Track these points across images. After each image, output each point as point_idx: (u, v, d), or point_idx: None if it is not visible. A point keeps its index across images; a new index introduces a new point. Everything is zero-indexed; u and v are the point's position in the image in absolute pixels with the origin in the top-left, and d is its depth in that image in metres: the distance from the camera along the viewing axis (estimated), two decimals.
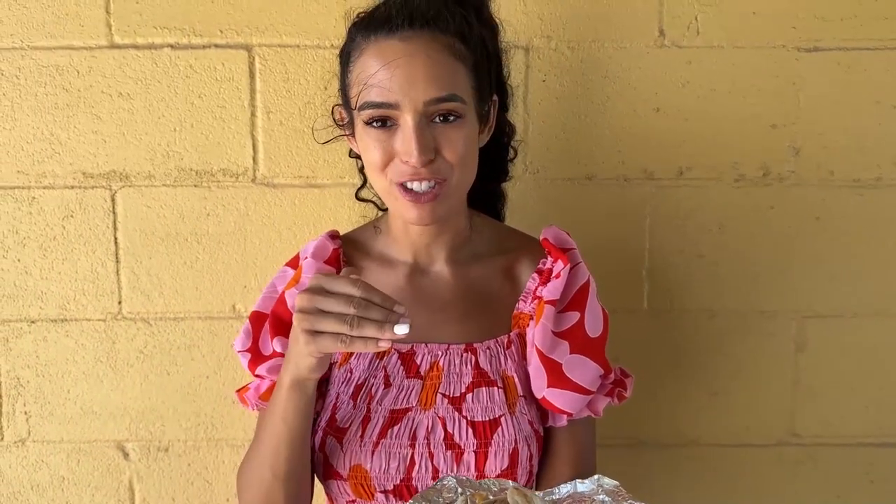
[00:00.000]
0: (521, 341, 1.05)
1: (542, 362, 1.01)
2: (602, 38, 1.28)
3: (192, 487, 1.37)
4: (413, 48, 0.92)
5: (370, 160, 0.97)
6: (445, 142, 0.94)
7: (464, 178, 0.98)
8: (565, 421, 1.04)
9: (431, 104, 0.92)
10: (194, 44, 1.27)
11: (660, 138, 1.30)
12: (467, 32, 0.96)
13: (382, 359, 1.03)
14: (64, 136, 1.28)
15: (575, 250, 1.07)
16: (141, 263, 1.31)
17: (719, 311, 1.35)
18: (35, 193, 1.30)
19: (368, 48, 0.95)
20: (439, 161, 0.95)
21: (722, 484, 1.40)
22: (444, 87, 0.93)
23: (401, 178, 0.95)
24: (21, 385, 1.34)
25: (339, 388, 1.03)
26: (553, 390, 1.01)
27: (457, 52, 0.94)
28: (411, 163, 0.93)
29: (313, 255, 1.06)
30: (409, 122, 0.92)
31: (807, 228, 1.33)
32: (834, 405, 1.37)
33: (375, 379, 1.02)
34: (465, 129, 0.95)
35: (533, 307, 1.05)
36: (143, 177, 1.29)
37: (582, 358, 1.02)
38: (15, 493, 1.36)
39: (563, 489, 0.82)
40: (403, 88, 0.92)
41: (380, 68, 0.92)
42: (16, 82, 1.27)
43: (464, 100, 0.94)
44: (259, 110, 1.28)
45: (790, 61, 1.28)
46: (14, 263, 1.31)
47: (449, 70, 0.94)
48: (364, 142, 0.97)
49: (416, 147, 0.92)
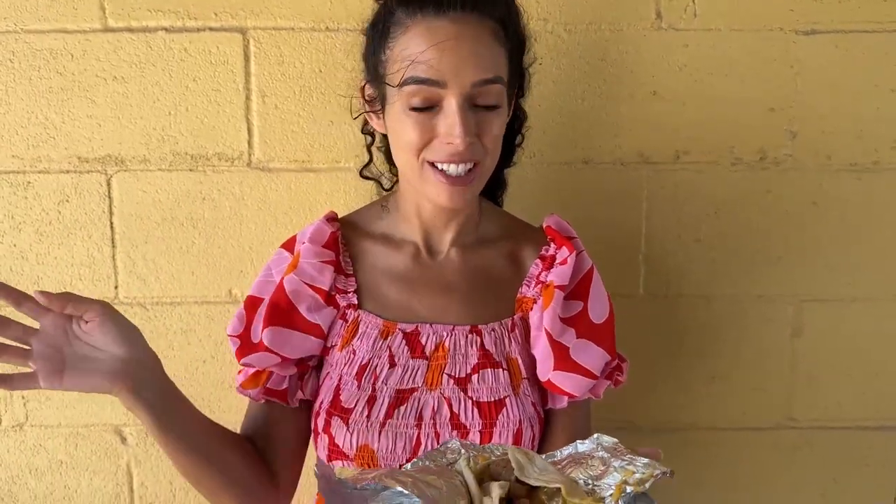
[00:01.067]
0: (524, 325, 1.06)
1: (551, 345, 1.02)
2: (599, 20, 1.27)
3: None
4: (462, 29, 0.93)
5: (407, 139, 0.96)
6: (485, 126, 0.96)
7: (493, 162, 1.00)
8: (566, 403, 1.05)
9: (478, 85, 0.93)
10: (189, 27, 1.26)
11: (657, 122, 1.30)
12: (507, 20, 0.98)
13: (387, 338, 1.03)
14: (59, 120, 1.28)
15: (577, 239, 1.08)
16: (137, 248, 1.31)
17: (716, 295, 1.35)
18: (30, 178, 1.29)
19: (414, 26, 0.94)
20: (476, 145, 0.96)
21: (719, 468, 1.40)
22: (490, 69, 0.94)
23: (439, 157, 0.95)
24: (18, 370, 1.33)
25: (342, 369, 1.03)
26: (559, 373, 1.02)
27: (499, 37, 0.96)
28: (455, 143, 0.93)
29: (310, 240, 1.05)
30: (453, 104, 0.93)
31: (804, 213, 1.33)
32: (831, 390, 1.38)
33: (380, 359, 1.02)
34: (502, 115, 0.98)
35: (536, 291, 1.06)
36: (139, 161, 1.29)
37: (587, 342, 1.03)
38: (13, 477, 1.37)
39: (564, 451, 0.83)
40: (452, 69, 0.92)
41: (428, 47, 0.92)
42: (9, 66, 1.26)
43: (505, 82, 0.96)
44: (254, 94, 1.28)
45: (788, 44, 1.28)
46: (10, 248, 1.31)
47: (495, 53, 0.95)
48: (401, 122, 0.96)
49: (461, 128, 0.92)
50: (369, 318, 1.04)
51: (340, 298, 1.05)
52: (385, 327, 1.03)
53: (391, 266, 1.06)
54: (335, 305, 1.05)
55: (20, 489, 1.37)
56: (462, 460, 0.78)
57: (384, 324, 1.04)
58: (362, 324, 1.04)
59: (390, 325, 1.03)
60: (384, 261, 1.06)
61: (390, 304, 1.05)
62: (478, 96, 0.94)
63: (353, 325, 1.05)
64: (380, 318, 1.04)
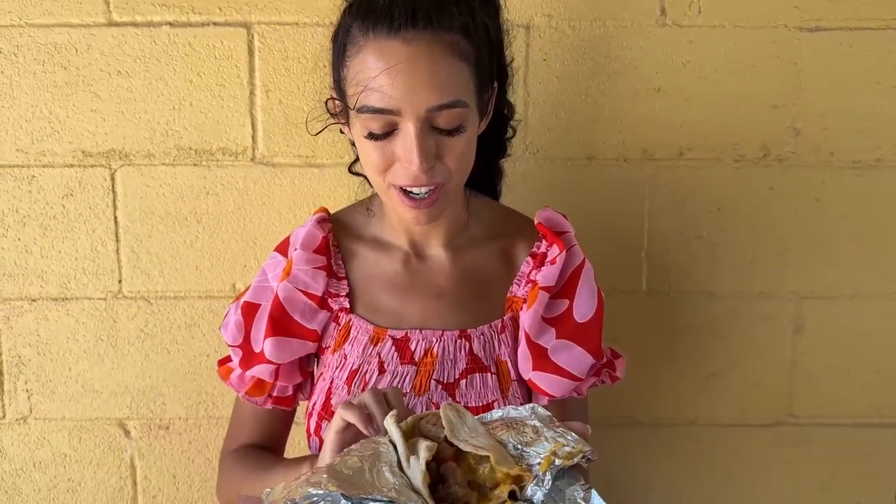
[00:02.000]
0: (514, 324, 1.05)
1: (528, 346, 1.01)
2: (603, 16, 1.27)
3: (193, 465, 1.38)
4: (415, 51, 0.88)
5: (369, 163, 0.95)
6: (447, 149, 0.93)
7: (461, 178, 0.98)
8: (546, 402, 1.04)
9: (434, 111, 0.90)
10: (193, 21, 1.26)
11: (660, 119, 1.29)
12: (471, 26, 0.92)
13: (377, 345, 1.03)
14: (63, 114, 1.28)
15: (569, 233, 1.05)
16: (141, 242, 1.32)
17: (718, 292, 1.35)
18: (35, 172, 1.29)
19: (367, 46, 0.90)
20: (439, 167, 0.93)
21: (719, 464, 1.40)
22: (446, 93, 0.89)
23: (401, 182, 0.93)
24: (22, 363, 1.34)
25: (333, 372, 1.04)
26: (538, 373, 1.02)
27: (460, 51, 0.91)
28: (412, 169, 0.91)
29: (302, 246, 1.04)
30: (410, 130, 0.90)
31: (806, 210, 1.32)
32: (831, 386, 1.38)
33: (370, 365, 1.02)
34: (466, 134, 0.93)
35: (526, 291, 1.05)
36: (143, 155, 1.29)
37: (567, 343, 1.02)
38: (17, 470, 1.37)
39: (496, 413, 0.82)
40: (405, 96, 0.88)
41: (380, 72, 0.88)
42: (14, 60, 1.26)
43: (466, 104, 0.92)
44: (258, 89, 1.28)
45: (792, 41, 1.27)
46: (14, 242, 1.31)
47: (452, 73, 0.90)
48: (362, 144, 0.95)
49: (417, 155, 0.90)
50: (360, 324, 1.04)
51: (333, 302, 1.06)
52: (375, 333, 1.03)
53: (381, 271, 1.06)
54: (328, 309, 1.06)
55: (24, 482, 1.38)
56: (389, 417, 0.77)
57: (374, 330, 1.04)
58: (353, 328, 1.05)
59: (380, 332, 1.03)
60: (375, 265, 1.06)
61: (381, 310, 1.05)
62: (435, 119, 0.90)
63: (344, 330, 1.05)
64: (371, 324, 1.04)
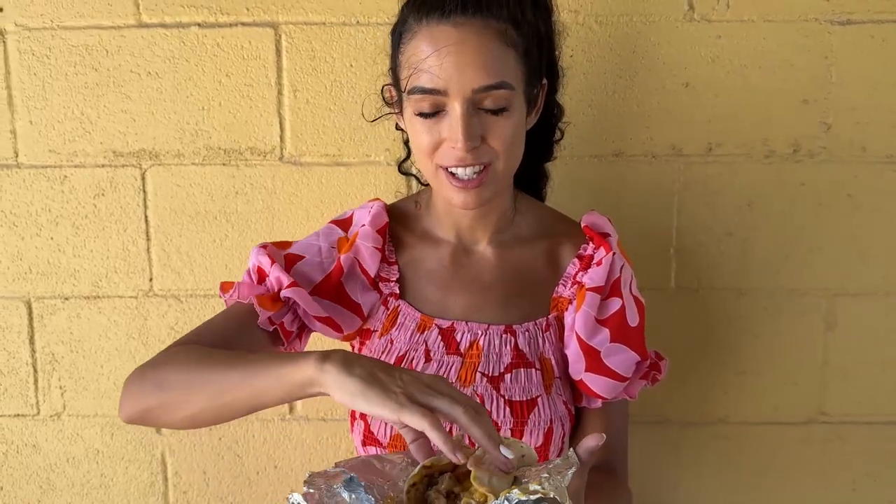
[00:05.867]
0: (558, 324, 1.06)
1: (582, 349, 1.03)
2: (631, 12, 1.26)
3: (223, 461, 1.39)
4: (464, 34, 0.91)
5: (418, 145, 0.97)
6: (492, 130, 0.95)
7: (509, 163, 0.98)
8: (600, 403, 1.06)
9: (480, 91, 0.92)
10: (221, 22, 1.27)
11: (689, 114, 1.28)
12: (520, 18, 0.95)
13: (423, 332, 1.04)
14: (94, 115, 1.29)
15: (613, 238, 1.06)
16: (171, 241, 1.33)
17: (748, 289, 1.34)
18: (67, 172, 1.31)
19: (420, 31, 0.94)
20: (484, 147, 0.95)
21: (749, 462, 1.39)
22: (493, 74, 0.92)
23: (447, 162, 0.96)
24: (56, 360, 1.36)
25: (379, 356, 1.05)
26: (591, 375, 1.03)
27: (508, 38, 0.94)
28: (457, 148, 0.93)
29: (371, 223, 1.06)
30: (456, 110, 0.92)
31: (838, 206, 1.31)
32: (864, 384, 1.36)
33: (416, 352, 1.03)
34: (512, 117, 0.95)
35: (572, 292, 1.05)
36: (173, 155, 1.30)
37: (621, 346, 1.03)
38: (51, 465, 1.39)
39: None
40: (452, 75, 0.91)
41: (430, 54, 0.92)
42: (46, 62, 1.28)
43: (512, 86, 0.94)
44: (286, 88, 1.28)
45: (822, 34, 1.26)
46: (47, 241, 1.33)
47: (499, 57, 0.93)
48: (412, 126, 0.97)
49: (462, 134, 0.92)
50: (408, 310, 1.06)
51: (384, 286, 1.07)
52: (423, 321, 1.05)
53: (429, 263, 1.07)
54: (378, 291, 1.07)
55: (58, 477, 1.40)
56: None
57: (422, 318, 1.05)
58: (401, 314, 1.06)
59: (427, 320, 1.05)
60: (423, 257, 1.08)
61: (427, 300, 1.06)
62: (482, 101, 0.93)
63: (393, 314, 1.06)
64: (418, 311, 1.05)
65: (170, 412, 0.88)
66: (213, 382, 0.85)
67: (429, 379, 0.78)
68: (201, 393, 0.85)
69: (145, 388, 0.89)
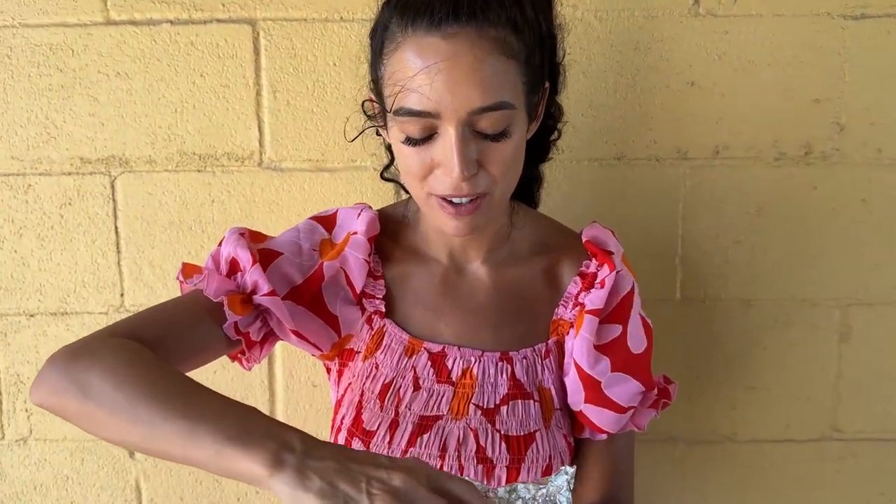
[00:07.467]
0: (559, 349, 0.98)
1: (581, 378, 0.95)
2: (632, 6, 1.21)
3: (201, 486, 1.33)
4: (457, 48, 0.80)
5: (406, 169, 0.87)
6: (490, 155, 0.85)
7: (508, 187, 0.90)
8: (605, 436, 0.99)
9: (476, 113, 0.82)
10: (195, 19, 1.21)
11: (694, 115, 1.24)
12: (519, 20, 0.84)
13: (412, 357, 0.96)
14: (59, 119, 1.23)
15: (616, 253, 0.98)
16: (143, 253, 1.27)
17: (757, 300, 1.29)
18: (31, 180, 1.25)
19: (406, 42, 0.83)
20: (482, 175, 0.85)
21: (759, 481, 1.35)
22: (490, 94, 0.81)
23: (440, 191, 0.86)
24: (21, 382, 1.30)
25: (363, 382, 0.97)
26: (591, 406, 0.96)
27: (507, 48, 0.83)
28: (452, 177, 0.83)
29: (364, 233, 0.96)
30: (450, 135, 0.82)
31: (852, 211, 1.27)
32: (879, 398, 1.32)
33: (404, 379, 0.96)
34: (513, 139, 0.85)
35: (574, 314, 0.98)
36: (144, 162, 1.24)
37: (623, 376, 0.96)
38: (17, 493, 1.33)
39: None
40: (444, 96, 0.81)
41: (418, 71, 0.81)
42: (7, 63, 1.22)
43: (513, 105, 0.84)
44: (265, 89, 1.23)
45: (835, 30, 1.22)
46: (11, 254, 1.27)
47: (497, 72, 0.82)
48: (400, 150, 0.87)
49: (458, 162, 0.82)
50: (395, 331, 0.97)
51: (367, 303, 0.98)
52: (410, 344, 0.97)
53: (418, 281, 0.99)
54: (362, 308, 0.98)
55: None
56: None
57: (409, 340, 0.97)
58: (387, 335, 0.98)
59: (416, 343, 0.96)
60: (411, 273, 0.99)
61: (416, 322, 0.98)
62: (480, 122, 0.83)
63: (377, 335, 0.98)
64: (406, 332, 0.97)
65: (90, 426, 0.75)
66: (143, 424, 0.71)
67: (401, 479, 0.65)
68: (129, 428, 0.72)
69: (67, 385, 0.75)
